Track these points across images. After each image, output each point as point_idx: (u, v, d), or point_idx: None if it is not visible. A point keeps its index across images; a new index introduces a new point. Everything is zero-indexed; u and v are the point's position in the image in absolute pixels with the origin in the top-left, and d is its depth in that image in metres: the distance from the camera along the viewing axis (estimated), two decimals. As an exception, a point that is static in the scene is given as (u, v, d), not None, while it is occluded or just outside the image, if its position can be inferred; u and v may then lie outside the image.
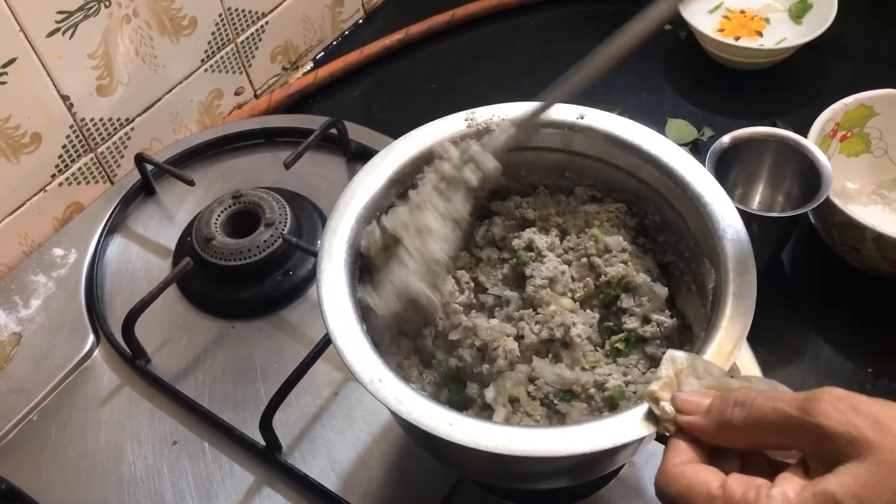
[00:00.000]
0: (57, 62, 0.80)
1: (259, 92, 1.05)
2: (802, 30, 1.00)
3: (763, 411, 0.39)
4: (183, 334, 0.77)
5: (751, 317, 0.49)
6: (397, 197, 0.60)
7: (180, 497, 0.67)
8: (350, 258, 0.55)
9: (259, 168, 0.91)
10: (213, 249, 0.77)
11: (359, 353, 0.50)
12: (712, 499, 0.38)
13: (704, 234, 0.55)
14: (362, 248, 0.56)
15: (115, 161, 0.91)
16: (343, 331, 0.51)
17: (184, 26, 0.91)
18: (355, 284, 0.55)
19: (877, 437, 0.36)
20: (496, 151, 0.57)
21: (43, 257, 0.83)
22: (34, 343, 0.77)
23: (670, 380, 0.45)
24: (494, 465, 0.52)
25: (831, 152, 0.83)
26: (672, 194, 0.58)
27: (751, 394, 0.40)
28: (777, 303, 0.78)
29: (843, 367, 0.74)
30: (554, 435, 0.45)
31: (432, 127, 0.61)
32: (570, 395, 0.54)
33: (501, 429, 0.46)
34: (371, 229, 0.56)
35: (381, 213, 0.58)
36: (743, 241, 0.53)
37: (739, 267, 0.52)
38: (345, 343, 0.50)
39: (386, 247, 0.56)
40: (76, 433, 0.71)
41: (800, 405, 0.38)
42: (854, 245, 0.75)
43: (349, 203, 0.57)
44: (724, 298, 0.51)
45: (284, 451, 0.68)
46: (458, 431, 0.45)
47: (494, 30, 1.11)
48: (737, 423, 0.40)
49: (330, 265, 0.54)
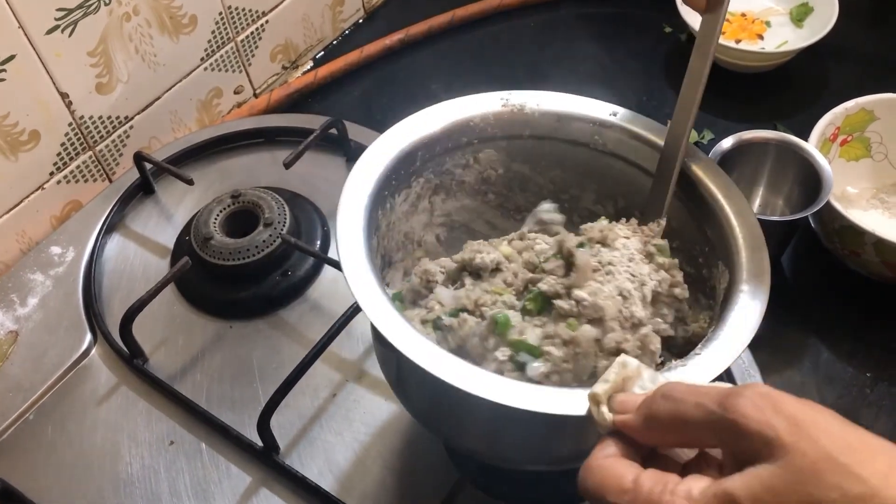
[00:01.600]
0: (56, 60, 0.80)
1: (258, 91, 1.05)
2: (803, 33, 1.00)
3: (686, 405, 0.37)
4: (181, 334, 0.77)
5: (759, 318, 0.49)
6: (422, 162, 0.60)
7: (177, 497, 0.67)
8: (371, 202, 0.55)
9: (258, 167, 0.90)
10: (212, 249, 0.77)
11: (367, 286, 0.50)
12: (623, 492, 0.37)
13: (719, 235, 0.55)
14: None
15: (113, 159, 0.91)
16: (355, 263, 0.51)
17: (184, 24, 0.91)
18: (370, 229, 0.55)
19: (792, 439, 0.33)
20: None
21: (41, 255, 0.83)
22: (31, 341, 0.76)
23: (616, 384, 0.43)
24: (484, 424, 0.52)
25: (832, 156, 0.83)
26: (687, 195, 0.58)
27: (678, 387, 0.39)
28: (776, 306, 0.77)
29: (843, 372, 0.74)
30: (556, 393, 0.46)
31: (466, 101, 0.62)
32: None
33: (501, 379, 0.46)
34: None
35: (409, 172, 0.60)
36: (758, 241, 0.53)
37: (754, 268, 0.52)
38: (354, 272, 0.50)
39: None
40: (73, 432, 0.71)
41: (720, 401, 0.36)
42: (854, 249, 0.75)
43: (378, 152, 0.58)
44: (735, 297, 0.51)
45: (282, 452, 0.68)
46: (474, 384, 0.45)
47: (495, 31, 1.11)
48: (662, 416, 0.38)
49: (350, 202, 0.54)
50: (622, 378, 0.43)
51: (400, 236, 0.63)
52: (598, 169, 0.63)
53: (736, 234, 0.54)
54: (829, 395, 0.72)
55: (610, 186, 0.63)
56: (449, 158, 0.62)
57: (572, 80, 1.03)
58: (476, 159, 0.63)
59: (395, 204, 0.60)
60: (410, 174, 0.60)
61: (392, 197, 0.59)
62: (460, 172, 0.64)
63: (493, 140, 0.62)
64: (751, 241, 0.53)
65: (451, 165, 0.63)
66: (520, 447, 0.56)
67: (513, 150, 0.64)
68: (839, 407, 0.71)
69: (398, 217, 0.61)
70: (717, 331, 0.49)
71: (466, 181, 0.65)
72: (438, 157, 0.62)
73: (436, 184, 0.63)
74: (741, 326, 0.49)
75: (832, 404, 0.70)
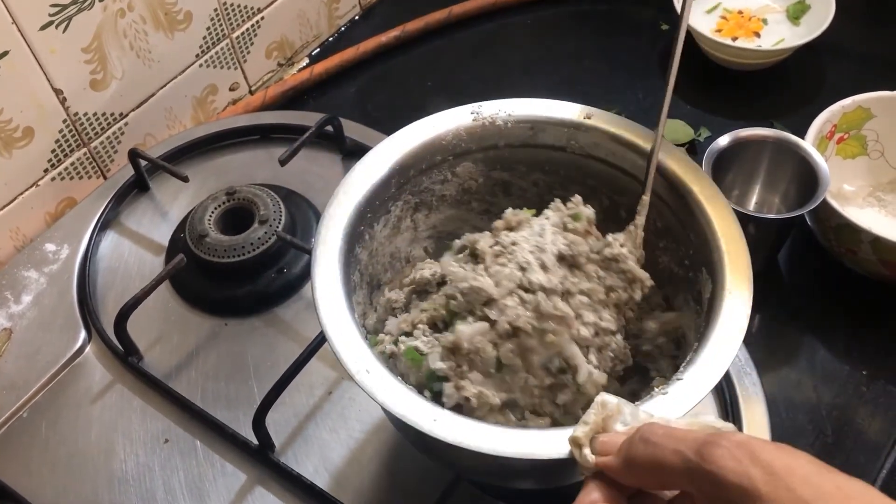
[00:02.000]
0: (50, 56, 0.79)
1: (254, 88, 1.05)
2: (800, 31, 0.99)
3: (664, 450, 0.37)
4: (175, 332, 0.76)
5: (741, 336, 0.49)
6: (397, 188, 0.60)
7: (172, 495, 0.66)
8: (346, 246, 0.55)
9: (253, 164, 0.90)
10: (207, 246, 0.77)
11: (348, 343, 0.50)
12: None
13: (703, 243, 0.55)
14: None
15: (108, 156, 0.90)
16: (335, 321, 0.50)
17: (179, 21, 0.90)
18: (349, 272, 0.55)
19: (768, 489, 0.34)
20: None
21: (35, 252, 0.82)
22: (25, 339, 0.76)
23: (596, 425, 0.43)
24: (479, 462, 0.52)
25: (828, 154, 0.83)
26: (675, 202, 0.58)
27: (657, 430, 0.39)
28: (773, 305, 0.78)
29: (839, 370, 0.74)
30: (535, 437, 0.45)
31: (436, 119, 0.61)
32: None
33: (484, 427, 0.46)
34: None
35: (384, 201, 0.59)
36: (741, 253, 0.53)
37: (735, 280, 0.51)
38: (336, 333, 0.50)
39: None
40: (67, 430, 0.71)
41: (698, 449, 0.36)
42: (850, 248, 0.75)
43: (348, 190, 0.57)
44: (717, 311, 0.50)
45: (277, 450, 0.67)
46: (441, 428, 0.45)
47: (491, 28, 1.11)
48: (640, 460, 0.38)
49: (325, 252, 0.54)
50: (602, 418, 0.43)
51: (385, 258, 0.63)
52: (578, 171, 0.63)
53: (718, 242, 0.54)
54: (825, 392, 0.72)
55: (593, 187, 0.63)
56: (425, 178, 0.62)
57: (568, 77, 1.03)
58: (454, 173, 0.63)
59: (374, 233, 0.60)
60: (387, 201, 0.60)
61: (370, 227, 0.59)
62: (439, 188, 0.63)
63: (468, 154, 0.62)
64: (732, 250, 0.53)
65: (428, 184, 0.62)
66: (525, 474, 0.56)
67: (489, 160, 0.63)
68: (835, 405, 0.71)
69: (380, 243, 0.61)
70: (700, 350, 0.49)
71: (447, 194, 0.64)
72: (414, 179, 0.61)
73: (416, 202, 0.63)
74: (722, 346, 0.49)
75: (828, 402, 0.71)
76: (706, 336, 0.49)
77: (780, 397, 0.71)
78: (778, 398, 0.71)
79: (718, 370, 0.48)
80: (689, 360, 0.49)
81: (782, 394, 0.72)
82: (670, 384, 0.47)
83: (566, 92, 0.62)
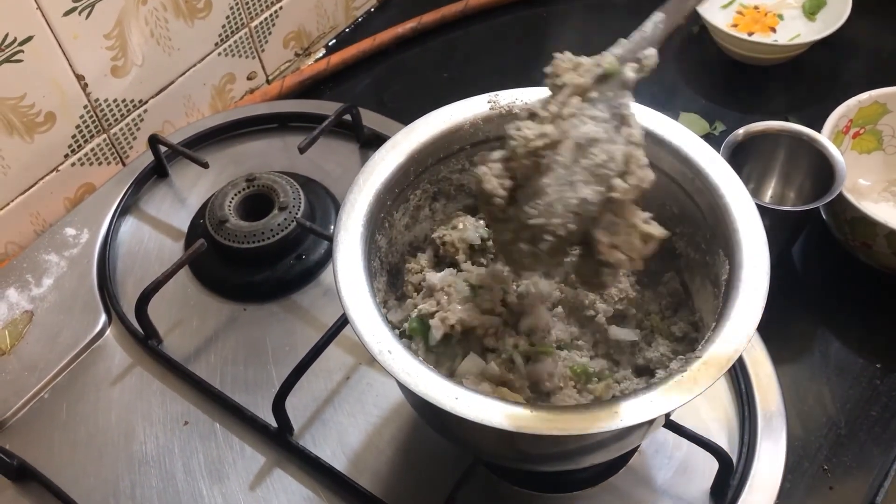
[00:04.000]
0: (73, 42, 0.80)
1: (271, 77, 1.05)
2: (816, 26, 1.00)
3: None
4: (195, 316, 0.77)
5: (761, 309, 0.50)
6: (415, 176, 0.60)
7: (191, 477, 0.67)
8: (366, 232, 0.55)
9: (271, 153, 0.91)
10: (227, 232, 0.77)
11: (371, 325, 0.50)
12: None
13: (720, 225, 0.55)
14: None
15: (127, 143, 0.91)
16: (357, 302, 0.51)
17: (199, 9, 0.91)
18: (370, 256, 0.55)
19: None
20: (654, 44, 0.54)
21: (55, 237, 0.83)
22: (46, 321, 0.77)
23: None
24: (497, 440, 0.53)
25: (844, 149, 0.83)
26: (691, 186, 0.58)
27: None
28: (787, 297, 0.78)
29: (853, 363, 0.74)
30: (560, 414, 0.46)
31: (453, 108, 0.61)
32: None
33: (505, 405, 0.46)
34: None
35: (403, 189, 0.59)
36: (758, 234, 0.53)
37: (753, 259, 0.52)
38: (358, 315, 0.50)
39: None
40: (87, 412, 0.71)
41: None
42: (865, 241, 0.75)
43: (368, 178, 0.58)
44: (736, 290, 0.51)
45: (296, 433, 0.68)
46: (463, 405, 0.46)
47: (507, 20, 1.11)
48: None
49: (346, 238, 0.54)
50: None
51: (405, 247, 0.63)
52: None
53: (734, 222, 0.54)
54: (838, 385, 0.73)
55: None
56: (443, 167, 0.62)
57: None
58: (472, 163, 0.63)
59: (394, 221, 0.61)
60: (405, 189, 0.61)
61: (390, 215, 0.60)
62: (457, 177, 0.64)
63: (485, 143, 0.62)
64: (748, 229, 0.53)
65: (447, 173, 0.63)
66: (545, 458, 0.57)
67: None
68: (849, 397, 0.72)
69: (399, 231, 0.62)
70: (719, 327, 0.50)
71: (465, 184, 0.65)
72: (432, 168, 0.62)
73: (434, 191, 0.63)
74: (742, 321, 0.49)
75: (842, 395, 0.72)
76: (724, 314, 0.50)
77: (794, 389, 0.72)
78: (792, 390, 0.71)
79: (739, 343, 0.48)
80: (709, 339, 0.49)
81: (796, 386, 0.72)
82: (690, 362, 0.48)
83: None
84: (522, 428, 0.45)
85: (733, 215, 0.55)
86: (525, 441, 0.50)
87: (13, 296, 0.79)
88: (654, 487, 0.64)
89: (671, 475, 0.65)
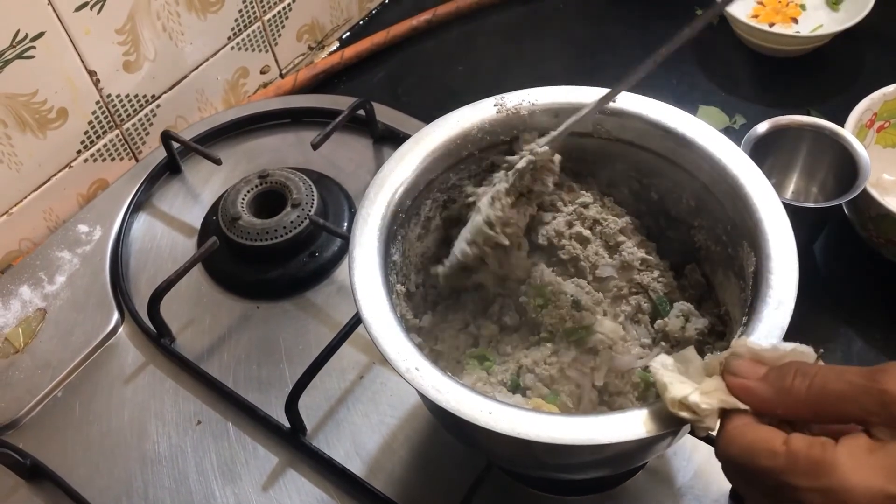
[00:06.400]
0: (84, 37, 0.80)
1: (284, 71, 1.04)
2: (839, 17, 0.98)
3: (827, 380, 0.39)
4: (207, 314, 0.77)
5: (793, 301, 0.49)
6: (426, 185, 0.59)
7: (204, 477, 0.67)
8: (382, 245, 0.54)
9: (284, 148, 0.90)
10: (240, 229, 0.77)
11: (394, 342, 0.49)
12: (775, 455, 0.38)
13: (743, 217, 0.54)
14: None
15: (140, 138, 0.91)
16: (378, 320, 0.50)
17: (211, 3, 0.90)
18: (387, 272, 0.54)
19: None
20: (552, 141, 0.57)
21: (68, 234, 0.83)
22: (59, 319, 0.76)
23: (681, 379, 0.43)
24: (528, 452, 0.51)
25: (868, 143, 0.81)
26: (709, 178, 0.57)
27: (809, 367, 0.40)
28: (809, 295, 0.76)
29: (875, 361, 0.72)
30: (595, 423, 0.45)
31: (462, 113, 0.60)
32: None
33: (540, 417, 0.45)
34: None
35: (415, 199, 0.59)
36: (783, 225, 0.52)
37: (780, 250, 0.51)
38: (380, 332, 0.49)
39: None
40: (100, 410, 0.71)
41: (867, 374, 0.38)
42: (890, 238, 0.74)
43: (379, 191, 0.57)
44: (765, 283, 0.50)
45: (309, 433, 0.67)
46: (498, 420, 0.45)
47: (522, 12, 1.10)
48: (798, 390, 0.39)
49: (362, 253, 0.53)
50: (672, 373, 0.43)
51: (417, 258, 0.62)
52: (607, 155, 0.62)
53: (758, 213, 0.53)
54: (861, 385, 0.71)
55: (622, 171, 0.63)
56: (453, 174, 0.61)
57: (602, 62, 1.01)
58: (481, 168, 0.62)
59: (406, 233, 0.60)
60: (417, 199, 0.59)
61: (402, 228, 0.59)
62: (467, 184, 0.63)
63: (494, 147, 0.61)
64: (773, 220, 0.52)
65: (456, 180, 0.62)
66: (571, 467, 0.56)
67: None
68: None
69: (411, 243, 0.61)
70: (752, 322, 0.49)
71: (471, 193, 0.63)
72: (442, 175, 0.60)
73: (444, 199, 0.62)
74: (777, 313, 0.49)
75: (866, 394, 0.70)
76: (756, 307, 0.48)
77: (815, 389, 0.70)
78: (814, 390, 0.70)
79: (776, 334, 0.47)
80: (742, 333, 0.48)
81: (818, 385, 0.71)
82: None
83: (600, 77, 0.61)
84: (557, 440, 0.44)
85: (756, 206, 0.54)
86: (558, 452, 0.49)
87: (26, 293, 0.78)
88: (674, 490, 0.63)
89: (690, 478, 0.64)
